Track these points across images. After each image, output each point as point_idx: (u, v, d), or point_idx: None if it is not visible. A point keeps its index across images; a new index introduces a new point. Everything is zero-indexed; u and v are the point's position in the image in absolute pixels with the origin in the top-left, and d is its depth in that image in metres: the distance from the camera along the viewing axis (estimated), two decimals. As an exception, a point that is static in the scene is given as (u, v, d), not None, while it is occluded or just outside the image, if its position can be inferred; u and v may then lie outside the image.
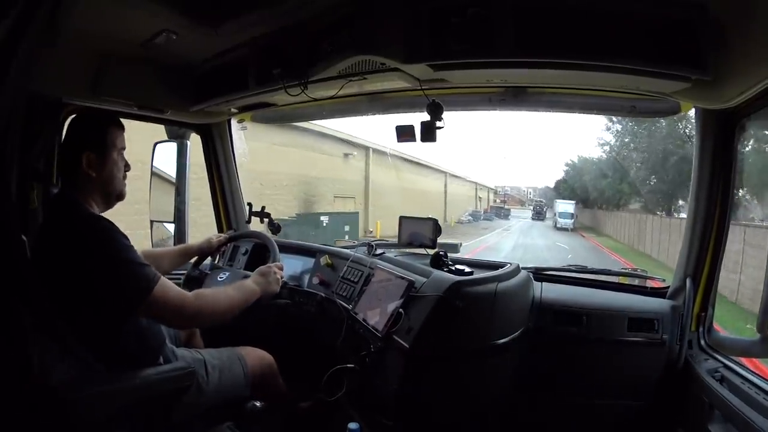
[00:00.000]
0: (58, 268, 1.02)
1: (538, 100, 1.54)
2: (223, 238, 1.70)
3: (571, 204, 20.82)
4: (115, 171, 1.16)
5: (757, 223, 6.47)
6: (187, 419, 1.19)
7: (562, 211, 20.77)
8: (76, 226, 1.05)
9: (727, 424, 1.14)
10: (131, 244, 1.07)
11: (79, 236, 1.03)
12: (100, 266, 1.01)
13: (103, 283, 1.02)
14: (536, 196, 33.70)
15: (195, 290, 1.24)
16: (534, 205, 29.90)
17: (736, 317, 4.57)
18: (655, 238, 11.34)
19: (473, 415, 1.40)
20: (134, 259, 1.05)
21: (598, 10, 1.01)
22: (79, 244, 1.02)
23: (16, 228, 0.92)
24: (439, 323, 1.23)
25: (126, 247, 1.05)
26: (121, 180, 1.18)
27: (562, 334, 1.43)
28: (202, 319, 1.20)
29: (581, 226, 21.02)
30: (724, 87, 1.07)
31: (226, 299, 1.21)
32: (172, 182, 2.01)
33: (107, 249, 1.03)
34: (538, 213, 27.01)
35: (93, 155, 1.11)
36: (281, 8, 1.23)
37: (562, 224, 20.14)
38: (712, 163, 1.32)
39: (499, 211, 29.82)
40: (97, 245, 1.03)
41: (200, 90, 1.66)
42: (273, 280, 1.35)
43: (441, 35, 1.08)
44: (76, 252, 1.01)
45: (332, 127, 10.78)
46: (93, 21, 1.21)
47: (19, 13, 0.70)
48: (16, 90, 0.79)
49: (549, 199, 28.07)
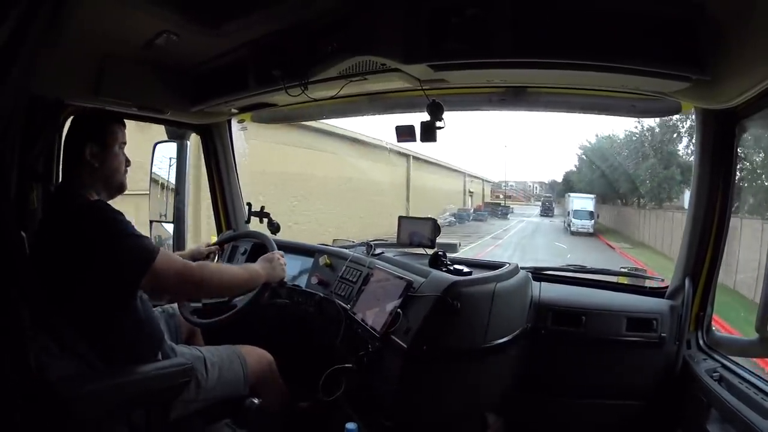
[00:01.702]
0: (59, 257, 1.04)
1: (538, 100, 1.54)
2: (213, 247, 1.71)
3: (589, 199, 15.87)
4: (116, 163, 1.20)
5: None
6: (186, 416, 1.20)
7: (579, 209, 15.62)
8: (75, 213, 1.07)
9: (725, 424, 1.14)
10: (128, 220, 1.09)
11: (77, 221, 1.05)
12: (101, 244, 1.03)
13: (105, 259, 1.03)
14: (543, 191, 30.73)
15: (198, 261, 1.25)
16: (542, 200, 26.79)
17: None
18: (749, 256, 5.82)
19: (471, 416, 1.40)
20: (132, 232, 1.07)
21: (598, 9, 1.01)
22: (78, 228, 1.04)
23: (15, 227, 0.92)
24: (437, 323, 1.23)
25: (123, 222, 1.07)
26: (123, 173, 1.22)
27: (561, 334, 1.43)
28: (207, 288, 1.23)
29: (601, 228, 16.16)
30: (724, 87, 1.07)
31: (229, 274, 1.26)
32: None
33: (106, 227, 1.05)
34: (546, 209, 24.19)
35: (96, 147, 1.15)
36: (282, 9, 1.23)
37: (579, 227, 15.14)
38: (712, 163, 1.32)
39: (495, 209, 24.68)
40: (95, 225, 1.05)
41: (200, 90, 1.66)
42: (277, 266, 1.38)
43: (440, 35, 1.08)
44: (76, 235, 1.03)
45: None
46: (94, 22, 1.22)
47: (21, 14, 0.71)
48: (17, 90, 0.79)
49: (557, 194, 25.73)
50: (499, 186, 31.55)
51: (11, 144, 0.86)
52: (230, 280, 1.25)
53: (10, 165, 0.88)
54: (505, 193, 31.22)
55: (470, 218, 20.27)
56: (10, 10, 0.70)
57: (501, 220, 22.01)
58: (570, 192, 17.80)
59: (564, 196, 19.79)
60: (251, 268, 1.32)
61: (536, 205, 28.68)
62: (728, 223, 1.35)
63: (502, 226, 19.48)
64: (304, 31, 1.29)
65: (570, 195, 17.00)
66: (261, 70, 1.41)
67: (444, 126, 1.34)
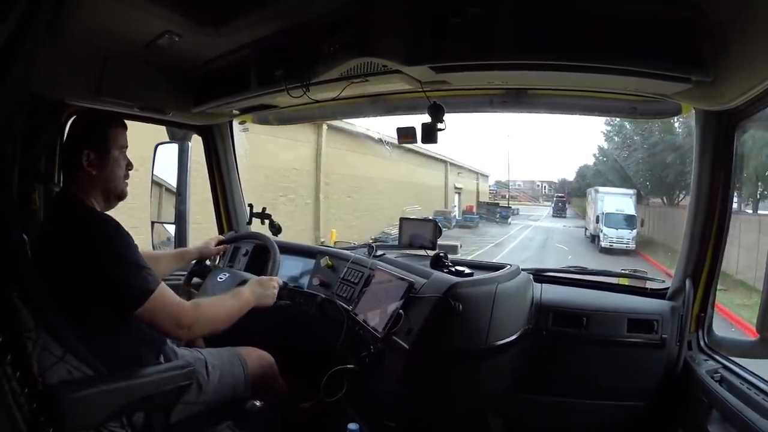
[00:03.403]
0: (60, 264, 1.02)
1: (539, 101, 1.55)
2: (221, 245, 1.69)
3: (628, 197, 11.01)
4: (116, 170, 1.15)
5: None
6: (187, 418, 1.19)
7: (613, 213, 10.54)
8: (79, 223, 1.05)
9: (726, 425, 1.14)
10: (135, 244, 1.07)
11: (83, 232, 1.03)
12: (103, 264, 1.01)
13: (104, 281, 1.02)
14: (553, 191, 28.21)
15: (193, 300, 1.23)
16: (555, 200, 24.49)
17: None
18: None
19: (473, 416, 1.40)
20: (137, 261, 1.05)
21: (599, 11, 1.02)
22: (83, 241, 1.02)
23: (17, 227, 0.92)
24: (438, 324, 1.23)
25: (130, 247, 1.05)
26: (122, 179, 1.18)
27: (562, 335, 1.43)
28: (198, 330, 1.18)
29: (642, 241, 10.62)
30: (725, 88, 1.07)
31: (223, 311, 1.21)
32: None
33: (112, 247, 1.03)
34: (560, 210, 22.31)
35: (93, 154, 1.11)
36: (283, 10, 1.23)
37: (614, 240, 10.26)
38: (712, 164, 1.32)
39: (492, 211, 19.19)
40: (101, 242, 1.03)
41: (202, 91, 1.66)
42: (270, 294, 1.35)
43: (441, 37, 1.08)
44: (79, 248, 1.02)
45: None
46: (96, 22, 1.22)
47: (22, 14, 0.71)
48: (19, 90, 0.79)
49: (570, 193, 23.83)
50: (506, 185, 28.13)
51: (13, 144, 0.85)
52: (223, 320, 1.20)
53: (11, 165, 0.88)
54: (508, 192, 27.32)
55: (453, 224, 14.73)
56: (11, 10, 0.70)
57: (500, 226, 16.63)
58: (596, 187, 11.85)
59: (586, 193, 13.67)
60: (243, 297, 1.27)
61: (545, 206, 26.61)
62: (728, 223, 1.36)
63: (498, 235, 14.05)
64: (306, 32, 1.29)
65: (598, 190, 11.56)
66: (263, 71, 1.41)
67: (445, 128, 1.34)
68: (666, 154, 10.05)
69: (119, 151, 1.16)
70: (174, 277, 1.81)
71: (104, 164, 1.13)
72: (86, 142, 1.12)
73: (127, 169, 1.19)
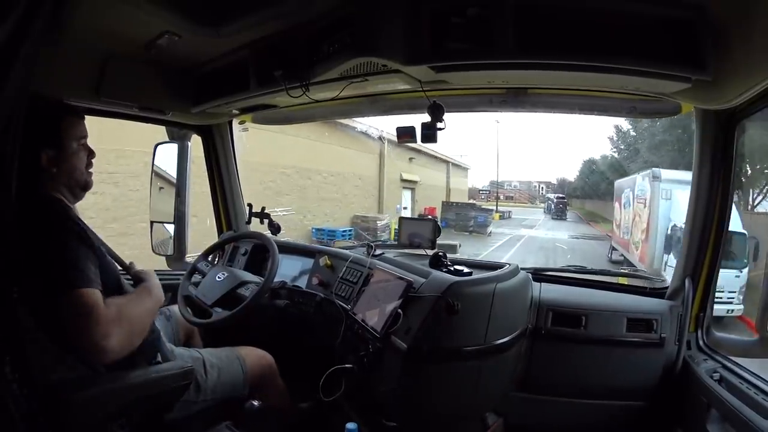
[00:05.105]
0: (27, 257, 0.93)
1: (539, 101, 1.54)
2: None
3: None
4: (76, 163, 1.10)
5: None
6: (186, 418, 1.20)
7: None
8: (30, 208, 0.96)
9: (725, 424, 1.14)
10: (82, 235, 1.00)
11: (30, 216, 0.95)
12: (40, 246, 0.94)
13: (42, 264, 0.94)
14: (552, 191, 26.52)
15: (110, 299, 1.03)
16: (555, 201, 22.58)
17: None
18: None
19: (472, 416, 1.40)
20: (74, 251, 0.97)
21: (599, 10, 1.01)
22: (29, 224, 0.94)
23: (15, 226, 0.92)
24: (437, 323, 1.23)
25: (73, 233, 0.98)
26: (84, 171, 1.12)
27: (561, 334, 1.43)
28: (120, 331, 0.98)
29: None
30: (725, 87, 1.07)
31: (143, 309, 1.09)
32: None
33: (51, 229, 0.97)
34: (560, 212, 20.77)
35: (51, 152, 1.06)
36: (283, 10, 1.23)
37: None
38: (712, 163, 1.32)
39: (463, 216, 14.26)
40: (41, 225, 0.97)
41: (201, 91, 1.66)
42: (159, 284, 1.20)
43: (441, 36, 1.08)
44: (28, 232, 0.93)
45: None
46: (96, 22, 1.22)
47: (21, 13, 0.71)
48: (18, 90, 0.79)
49: (567, 194, 22.72)
50: (501, 186, 24.92)
51: (12, 144, 0.85)
52: (144, 315, 1.08)
53: (11, 165, 0.87)
54: (497, 191, 23.72)
55: (372, 241, 4.93)
56: (11, 10, 0.70)
57: (474, 240, 11.82)
58: (653, 170, 6.52)
59: (616, 189, 8.80)
60: (153, 293, 1.14)
61: (543, 208, 24.48)
62: (728, 223, 1.36)
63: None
64: (305, 32, 1.29)
65: (658, 176, 6.14)
66: (262, 71, 1.41)
67: (444, 127, 1.34)
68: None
69: (77, 142, 1.11)
70: (174, 277, 1.82)
71: (63, 159, 1.08)
72: (42, 141, 1.06)
73: (89, 158, 1.14)
